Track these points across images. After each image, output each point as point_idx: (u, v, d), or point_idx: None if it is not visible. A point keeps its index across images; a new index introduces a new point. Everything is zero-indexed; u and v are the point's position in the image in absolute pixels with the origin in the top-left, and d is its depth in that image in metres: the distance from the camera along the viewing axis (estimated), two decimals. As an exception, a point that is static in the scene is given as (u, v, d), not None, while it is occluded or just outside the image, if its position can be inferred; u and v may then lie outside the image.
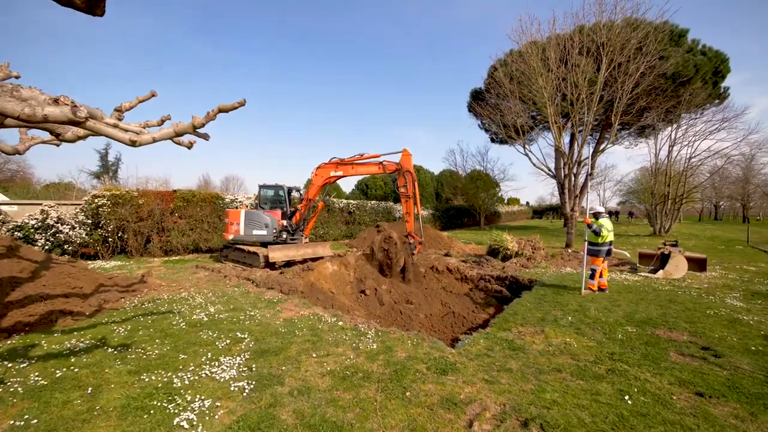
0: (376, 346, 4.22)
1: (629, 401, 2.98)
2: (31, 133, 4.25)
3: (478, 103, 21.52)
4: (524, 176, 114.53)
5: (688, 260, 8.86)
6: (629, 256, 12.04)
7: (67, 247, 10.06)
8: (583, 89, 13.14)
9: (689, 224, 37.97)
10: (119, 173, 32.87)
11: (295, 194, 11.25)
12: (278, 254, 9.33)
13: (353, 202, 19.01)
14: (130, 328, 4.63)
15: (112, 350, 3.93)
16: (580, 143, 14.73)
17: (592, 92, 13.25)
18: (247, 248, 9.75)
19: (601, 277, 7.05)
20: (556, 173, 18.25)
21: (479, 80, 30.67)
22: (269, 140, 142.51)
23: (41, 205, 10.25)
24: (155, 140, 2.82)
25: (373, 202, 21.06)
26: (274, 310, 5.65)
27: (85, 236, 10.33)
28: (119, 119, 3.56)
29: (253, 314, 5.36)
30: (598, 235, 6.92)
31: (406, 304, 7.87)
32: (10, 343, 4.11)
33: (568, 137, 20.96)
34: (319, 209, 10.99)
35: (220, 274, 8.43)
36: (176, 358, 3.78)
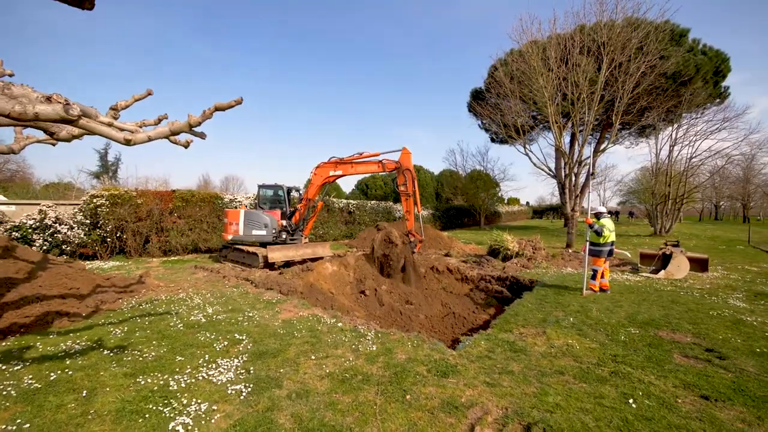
0: (375, 347, 4.16)
1: (633, 405, 2.93)
2: (26, 132, 4.20)
3: (478, 102, 21.45)
4: (524, 176, 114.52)
5: (689, 260, 8.80)
6: (630, 256, 12.00)
7: (65, 247, 10.01)
8: (583, 89, 13.08)
9: (690, 224, 37.93)
10: (119, 173, 32.79)
11: (294, 194, 11.20)
12: (277, 254, 9.27)
13: (353, 202, 18.94)
14: (126, 329, 4.58)
15: (108, 352, 3.87)
16: (580, 143, 14.67)
17: (592, 92, 13.18)
18: (246, 248, 9.70)
19: (602, 277, 7.01)
20: (556, 173, 18.18)
21: (479, 80, 30.67)
22: (269, 140, 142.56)
23: (39, 205, 10.20)
24: (151, 139, 2.77)
25: (373, 202, 21.00)
26: (272, 311, 5.59)
27: (83, 236, 10.28)
28: (115, 118, 3.51)
29: (251, 315, 5.31)
30: (599, 235, 6.87)
31: (406, 304, 7.82)
32: (4, 344, 4.05)
33: (568, 137, 20.92)
34: (318, 209, 10.94)
35: (218, 274, 8.37)
36: (173, 360, 3.73)
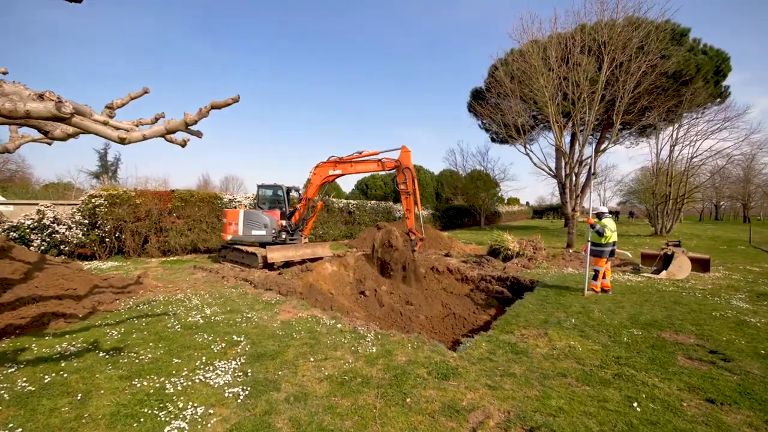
0: (375, 349, 4.11)
1: (638, 408, 2.87)
2: (21, 131, 4.15)
3: (478, 102, 21.39)
4: (524, 176, 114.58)
5: (691, 261, 8.75)
6: (631, 256, 11.94)
7: (63, 247, 9.95)
8: (584, 88, 13.03)
9: (690, 224, 37.88)
10: (118, 173, 32.69)
11: (293, 194, 11.15)
12: (277, 255, 9.22)
13: (353, 201, 18.88)
14: (123, 330, 4.52)
15: (104, 354, 3.82)
16: (581, 143, 14.62)
17: (593, 91, 13.13)
18: (245, 248, 9.65)
19: (604, 278, 6.95)
20: (556, 173, 18.13)
21: (479, 80, 30.57)
22: (269, 140, 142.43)
23: (37, 205, 10.14)
24: (146, 138, 2.71)
25: (372, 202, 20.94)
26: (271, 311, 5.54)
27: (81, 236, 10.22)
28: (110, 116, 3.45)
29: (250, 316, 5.26)
30: (601, 235, 6.82)
31: (406, 305, 7.77)
32: (-1, 346, 4.01)
33: (568, 137, 20.87)
34: (318, 209, 10.89)
35: (217, 274, 8.32)
36: (170, 362, 3.67)
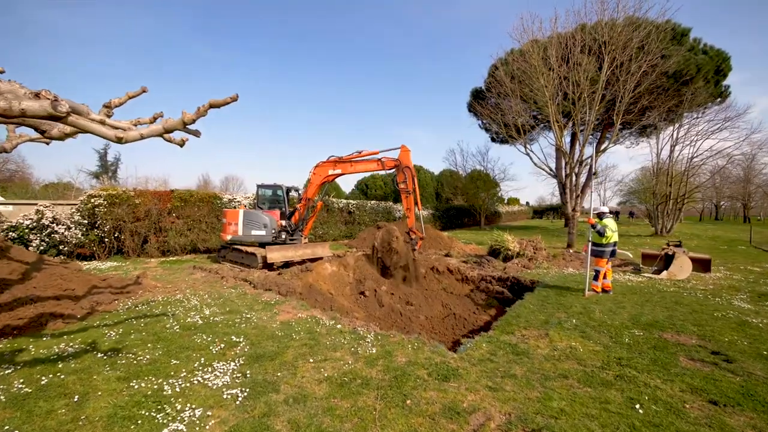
0: (375, 350, 4.08)
1: (640, 410, 2.84)
2: (19, 131, 4.12)
3: (478, 102, 21.37)
4: (525, 176, 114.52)
5: (692, 261, 8.72)
6: (631, 256, 11.92)
7: (62, 247, 9.92)
8: (584, 88, 13.01)
9: (690, 224, 37.85)
10: (118, 173, 32.63)
11: (293, 194, 11.12)
12: (276, 255, 9.19)
13: (353, 201, 18.85)
14: (122, 331, 4.50)
15: (101, 355, 3.79)
16: (581, 142, 14.60)
17: (593, 91, 13.11)
18: (244, 249, 9.62)
19: (605, 278, 6.92)
20: (557, 173, 18.10)
21: (479, 80, 30.57)
22: (269, 140, 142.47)
23: (36, 204, 10.12)
24: (143, 137, 2.68)
25: (372, 202, 20.91)
26: (271, 312, 5.51)
27: (81, 236, 10.19)
28: (108, 116, 3.43)
29: (249, 317, 5.23)
30: (602, 235, 6.79)
31: (406, 305, 7.74)
32: (-4, 347, 3.98)
33: (569, 137, 20.83)
34: (318, 209, 10.86)
35: (217, 275, 8.29)
36: (168, 363, 3.65)
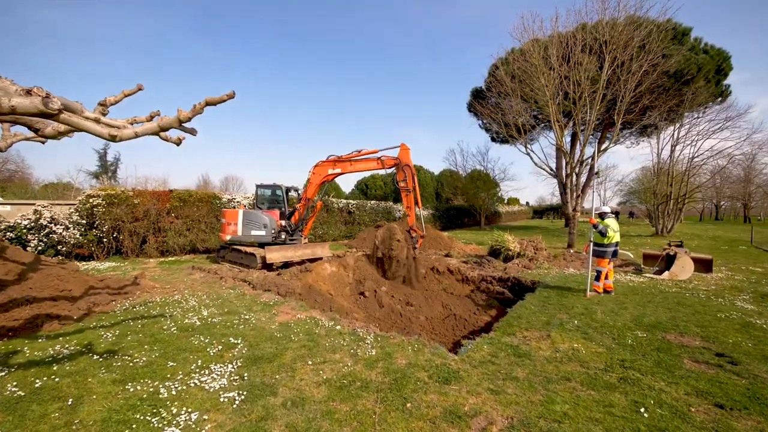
0: (375, 352, 4.03)
1: (645, 414, 2.79)
2: (14, 129, 4.07)
3: (479, 102, 21.29)
4: (525, 176, 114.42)
5: (693, 261, 8.66)
6: (632, 256, 11.87)
7: (60, 247, 9.86)
8: (585, 87, 12.95)
9: (690, 224, 37.80)
10: (118, 173, 32.56)
11: (292, 194, 11.06)
12: (276, 255, 9.14)
13: (353, 201, 18.78)
14: (118, 333, 4.44)
15: (97, 357, 3.74)
16: (582, 142, 14.55)
17: (594, 90, 13.05)
18: (244, 249, 9.56)
19: (606, 278, 6.87)
20: (557, 173, 18.04)
21: (479, 80, 30.50)
22: (269, 140, 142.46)
23: (34, 204, 10.06)
24: (138, 135, 2.63)
25: (372, 202, 20.85)
26: (269, 313, 5.46)
27: (79, 237, 10.14)
28: (103, 114, 3.37)
29: (247, 318, 5.17)
30: (604, 235, 6.74)
31: (406, 306, 7.69)
32: (-9, 349, 3.92)
33: (569, 136, 20.75)
34: (317, 209, 10.81)
35: (216, 275, 8.23)
36: (164, 365, 3.59)
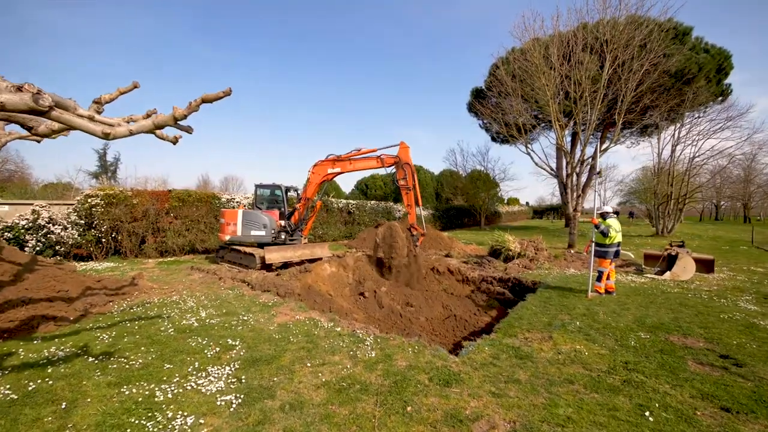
0: (374, 354, 3.98)
1: (650, 418, 2.73)
2: (8, 128, 4.01)
3: (479, 101, 21.25)
4: (525, 176, 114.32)
5: (695, 261, 8.61)
6: (633, 257, 11.82)
7: (59, 248, 9.81)
8: (586, 87, 12.90)
9: (690, 224, 37.75)
10: (118, 173, 32.49)
11: (292, 194, 11.01)
12: (275, 255, 9.08)
13: (353, 202, 18.72)
14: (115, 334, 4.39)
15: (93, 359, 3.68)
16: (583, 142, 14.50)
17: (595, 90, 13.00)
18: (243, 249, 9.50)
19: (608, 279, 6.82)
20: (558, 173, 18.00)
21: (480, 80, 30.40)
22: (269, 140, 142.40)
23: (32, 205, 10.00)
24: (132, 133, 2.58)
25: (372, 202, 20.79)
26: (268, 314, 5.40)
27: (77, 237, 10.08)
28: (98, 112, 3.31)
29: (246, 319, 5.12)
30: (605, 236, 6.68)
31: (406, 306, 7.63)
32: (-15, 351, 3.87)
33: (570, 136, 20.71)
34: (317, 209, 10.75)
35: (214, 275, 8.18)
36: (161, 368, 3.54)
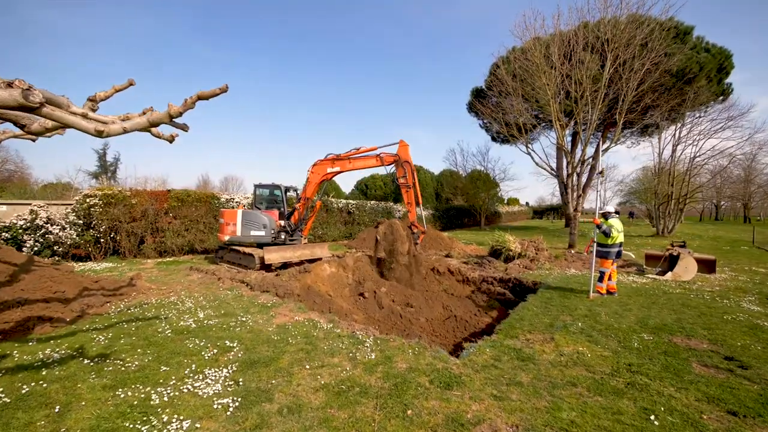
0: (374, 355, 3.92)
1: (656, 422, 2.68)
2: (2, 127, 3.96)
3: (479, 101, 21.18)
4: (525, 176, 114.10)
5: (696, 262, 8.56)
6: (634, 257, 11.77)
7: (57, 248, 9.75)
8: (587, 86, 12.85)
9: (690, 224, 37.69)
10: (118, 173, 32.43)
11: (291, 194, 10.95)
12: (274, 255, 9.03)
13: (352, 202, 18.67)
14: (111, 335, 4.33)
15: (88, 361, 3.63)
16: (583, 142, 14.44)
17: (596, 90, 12.95)
18: (242, 249, 9.44)
19: (609, 279, 6.76)
20: (558, 172, 17.95)
21: (480, 80, 30.32)
22: (269, 140, 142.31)
23: (30, 205, 9.95)
24: (126, 131, 2.52)
25: (372, 202, 20.72)
26: (267, 315, 5.35)
27: (76, 237, 10.03)
28: (93, 109, 3.25)
29: (244, 320, 5.07)
30: (607, 236, 6.63)
31: (406, 307, 7.57)
32: (-21, 353, 3.81)
33: (570, 136, 20.66)
34: (317, 209, 10.70)
35: (213, 276, 8.13)
36: (157, 370, 3.48)
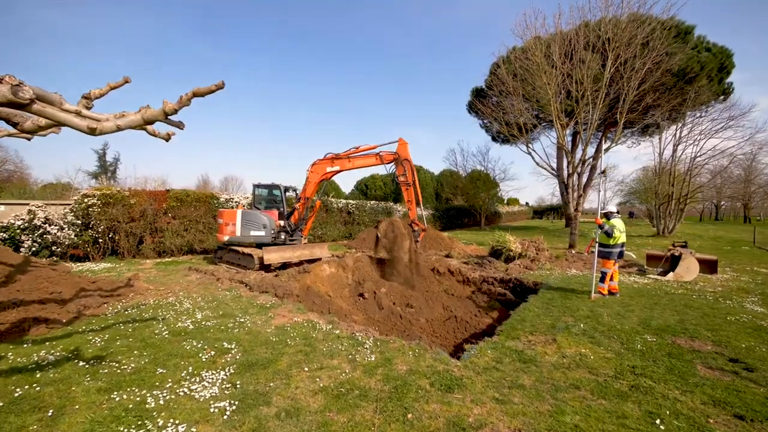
0: (374, 357, 3.87)
1: (661, 426, 2.63)
2: (-2, 125, 3.90)
3: (479, 101, 21.10)
4: (525, 176, 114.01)
5: (698, 262, 8.51)
6: (635, 257, 11.72)
7: (55, 248, 9.69)
8: (588, 86, 12.79)
9: (690, 224, 37.63)
10: (117, 173, 32.40)
11: (290, 194, 10.90)
12: (273, 256, 8.97)
13: (352, 202, 18.61)
14: (107, 337, 4.28)
15: (83, 364, 3.57)
16: (584, 141, 14.39)
17: (597, 89, 12.89)
18: (241, 250, 9.39)
19: (611, 280, 6.71)
20: (558, 172, 17.90)
21: (480, 80, 30.22)
22: (269, 140, 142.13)
23: (29, 204, 9.89)
24: (120, 128, 2.47)
25: (372, 202, 20.67)
26: (266, 316, 5.29)
27: (74, 237, 9.97)
28: (87, 107, 3.19)
29: (243, 321, 5.01)
30: (609, 236, 6.57)
31: (406, 307, 7.52)
32: (-27, 355, 3.76)
33: (571, 136, 20.61)
34: (316, 208, 10.65)
35: (212, 276, 8.07)
36: (153, 372, 3.43)
